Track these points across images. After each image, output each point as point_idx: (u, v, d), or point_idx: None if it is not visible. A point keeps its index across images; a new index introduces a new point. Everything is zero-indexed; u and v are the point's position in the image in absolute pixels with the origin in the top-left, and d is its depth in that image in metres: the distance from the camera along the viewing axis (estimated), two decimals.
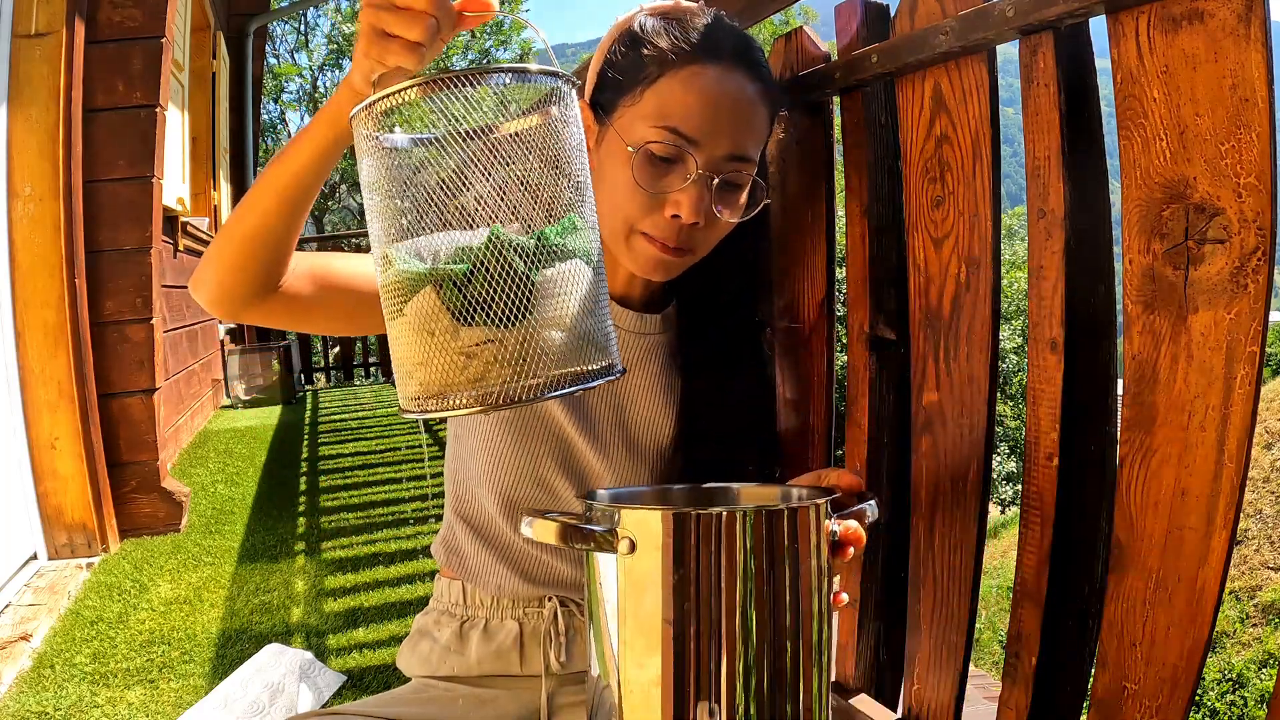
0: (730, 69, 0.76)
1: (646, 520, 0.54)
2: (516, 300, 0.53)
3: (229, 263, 0.71)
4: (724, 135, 0.76)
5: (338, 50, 12.49)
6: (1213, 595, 0.63)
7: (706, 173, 0.76)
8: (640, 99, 0.77)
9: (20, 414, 2.46)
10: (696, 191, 0.75)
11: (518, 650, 0.92)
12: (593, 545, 0.56)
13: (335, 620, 2.13)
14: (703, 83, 0.75)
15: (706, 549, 0.54)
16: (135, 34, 2.72)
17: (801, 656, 0.56)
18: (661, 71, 0.76)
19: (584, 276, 0.56)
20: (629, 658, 0.56)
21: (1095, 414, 0.77)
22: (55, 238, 2.47)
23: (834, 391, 1.05)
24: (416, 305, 0.54)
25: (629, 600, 0.56)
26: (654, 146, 0.75)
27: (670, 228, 0.77)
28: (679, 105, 0.75)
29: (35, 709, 1.71)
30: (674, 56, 0.76)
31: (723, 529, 0.54)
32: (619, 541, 0.55)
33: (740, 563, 0.54)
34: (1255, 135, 0.58)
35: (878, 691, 1.03)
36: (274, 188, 0.68)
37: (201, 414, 4.69)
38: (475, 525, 0.94)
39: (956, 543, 0.87)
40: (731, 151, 0.76)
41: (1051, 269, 0.74)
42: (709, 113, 0.75)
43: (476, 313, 0.53)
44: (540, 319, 0.53)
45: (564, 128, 0.55)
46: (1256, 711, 5.42)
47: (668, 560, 0.54)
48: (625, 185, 0.76)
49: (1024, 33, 0.73)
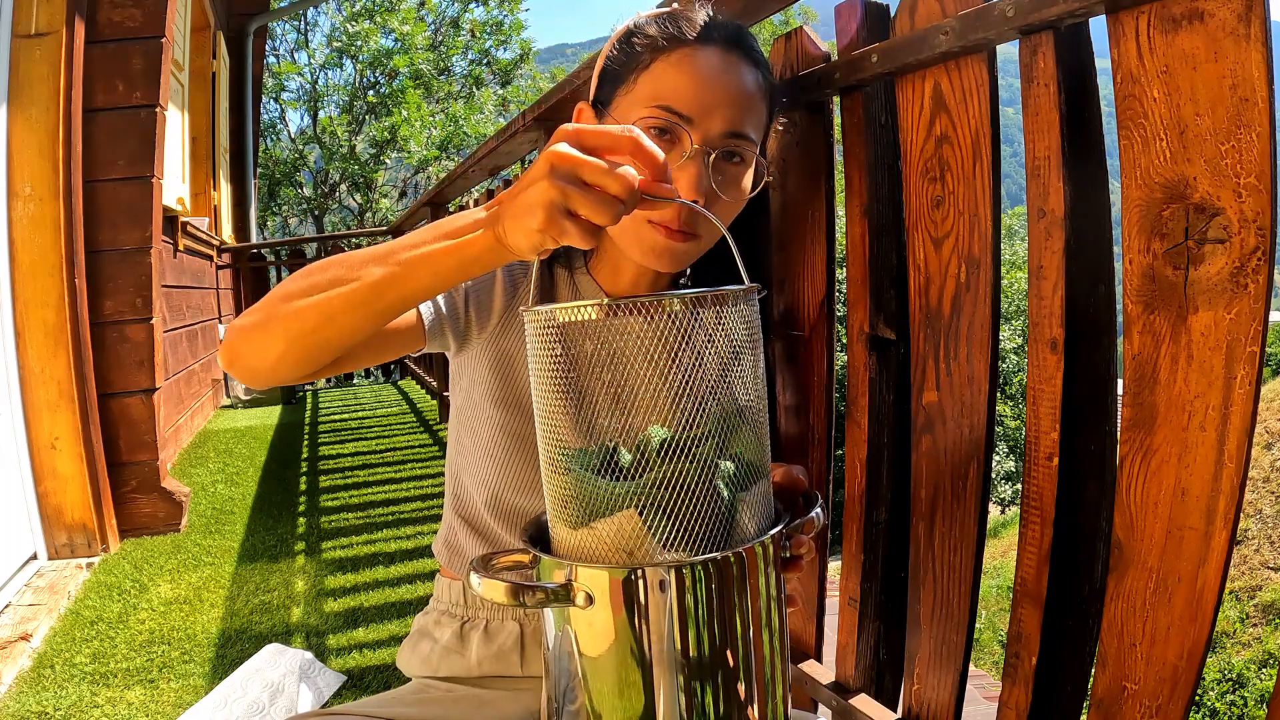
0: (723, 50, 0.76)
1: (600, 577, 0.53)
2: (721, 525, 0.53)
3: (285, 357, 0.65)
4: (719, 111, 0.75)
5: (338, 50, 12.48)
6: (1213, 595, 0.63)
7: (703, 148, 0.75)
8: (634, 86, 0.77)
9: (20, 414, 2.46)
10: (695, 169, 0.75)
11: (518, 652, 0.92)
12: (549, 601, 0.53)
13: (335, 620, 2.13)
14: (694, 63, 0.75)
15: (661, 600, 0.53)
16: (135, 34, 2.72)
17: (758, 683, 0.56)
18: (654, 57, 0.76)
19: (767, 493, 0.57)
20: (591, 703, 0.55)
21: (1095, 414, 0.77)
22: (55, 238, 2.47)
23: (834, 391, 1.05)
24: (617, 527, 0.53)
25: (587, 649, 0.55)
26: (648, 122, 0.75)
27: (672, 209, 0.77)
28: (671, 85, 0.75)
29: (35, 709, 1.71)
30: (665, 42, 0.76)
31: (681, 581, 0.53)
32: (576, 595, 0.53)
33: (693, 609, 0.53)
34: (1255, 135, 0.58)
35: (878, 691, 1.03)
36: (370, 307, 0.62)
37: (201, 414, 4.69)
38: (475, 525, 0.93)
39: (956, 543, 0.87)
40: (728, 128, 0.76)
41: (1051, 269, 0.74)
42: (702, 90, 0.75)
43: (681, 538, 0.53)
44: (734, 537, 0.54)
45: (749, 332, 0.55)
46: (1256, 711, 5.42)
47: (623, 613, 0.53)
48: None
49: (1024, 32, 0.73)
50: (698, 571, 0.53)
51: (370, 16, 11.97)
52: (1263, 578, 6.07)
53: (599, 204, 0.52)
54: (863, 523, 1.02)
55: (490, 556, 0.57)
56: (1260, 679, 5.52)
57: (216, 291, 5.62)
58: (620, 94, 0.79)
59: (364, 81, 12.64)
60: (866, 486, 1.01)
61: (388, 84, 12.23)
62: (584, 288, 0.88)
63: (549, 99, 1.87)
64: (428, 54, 12.15)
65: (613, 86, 0.80)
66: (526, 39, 13.13)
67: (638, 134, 0.54)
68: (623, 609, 0.53)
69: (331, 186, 13.13)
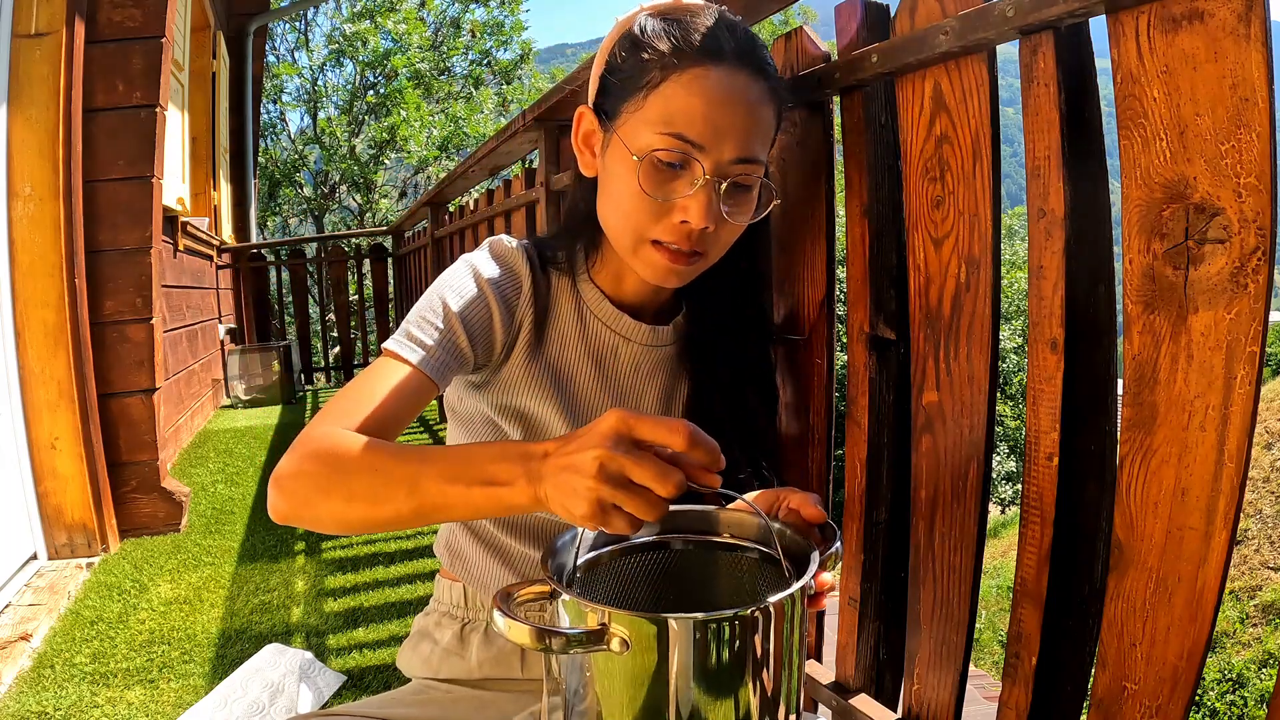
0: (734, 69, 0.74)
1: (640, 625, 0.52)
2: None
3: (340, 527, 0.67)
4: (730, 138, 0.74)
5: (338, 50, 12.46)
6: (1213, 595, 0.63)
7: (714, 178, 0.74)
8: (644, 104, 0.75)
9: (20, 414, 2.46)
10: (705, 196, 0.74)
11: (519, 654, 0.91)
12: (579, 646, 0.53)
13: (335, 620, 2.13)
14: (706, 85, 0.74)
15: (701, 649, 0.53)
16: (135, 34, 2.72)
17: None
18: (665, 75, 0.74)
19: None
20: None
21: (1095, 414, 0.77)
22: (55, 238, 2.47)
23: (834, 391, 1.05)
24: None
25: (606, 686, 0.54)
26: (660, 154, 0.74)
27: (680, 233, 0.76)
28: (683, 110, 0.73)
29: (35, 709, 1.71)
30: (676, 60, 0.74)
31: (720, 630, 0.53)
32: (610, 640, 0.52)
33: (724, 659, 0.53)
34: (1255, 135, 0.58)
35: (878, 691, 1.03)
36: (407, 524, 0.63)
37: (201, 414, 4.69)
38: (475, 529, 0.93)
39: (956, 542, 0.87)
40: (738, 154, 0.75)
41: (1051, 269, 0.74)
42: (714, 116, 0.73)
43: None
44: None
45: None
46: (1256, 711, 5.42)
47: (662, 660, 0.52)
48: (633, 193, 0.75)
49: (1024, 32, 0.73)
50: (734, 626, 0.53)
51: (370, 16, 11.96)
52: (1263, 578, 6.07)
53: (646, 505, 0.52)
54: (863, 523, 1.02)
55: (511, 591, 0.56)
56: (1260, 679, 5.52)
57: (216, 291, 5.62)
58: (628, 109, 0.76)
59: (364, 81, 12.63)
60: (866, 486, 1.01)
61: (387, 84, 12.22)
62: (588, 296, 0.87)
63: (549, 99, 1.87)
64: (428, 54, 12.14)
65: (619, 98, 0.77)
66: (527, 39, 13.12)
67: (691, 429, 0.53)
68: (655, 656, 0.52)
69: (331, 187, 13.13)
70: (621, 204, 0.78)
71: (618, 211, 0.78)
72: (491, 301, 0.80)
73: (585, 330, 0.86)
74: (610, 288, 0.87)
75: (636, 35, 0.78)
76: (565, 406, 0.85)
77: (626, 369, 0.88)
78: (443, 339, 0.76)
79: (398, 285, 6.38)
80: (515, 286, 0.82)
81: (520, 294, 0.83)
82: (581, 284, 0.87)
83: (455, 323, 0.77)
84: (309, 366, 6.57)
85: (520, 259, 0.83)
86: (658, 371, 0.89)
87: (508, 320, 0.81)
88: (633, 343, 0.87)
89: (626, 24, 0.80)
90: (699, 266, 0.80)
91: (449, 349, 0.77)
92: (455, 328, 0.77)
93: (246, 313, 6.33)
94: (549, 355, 0.85)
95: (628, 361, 0.87)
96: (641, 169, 0.74)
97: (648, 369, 0.88)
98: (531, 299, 0.83)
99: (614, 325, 0.86)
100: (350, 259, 6.74)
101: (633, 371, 0.88)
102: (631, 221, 0.77)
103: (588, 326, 0.86)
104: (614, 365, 0.87)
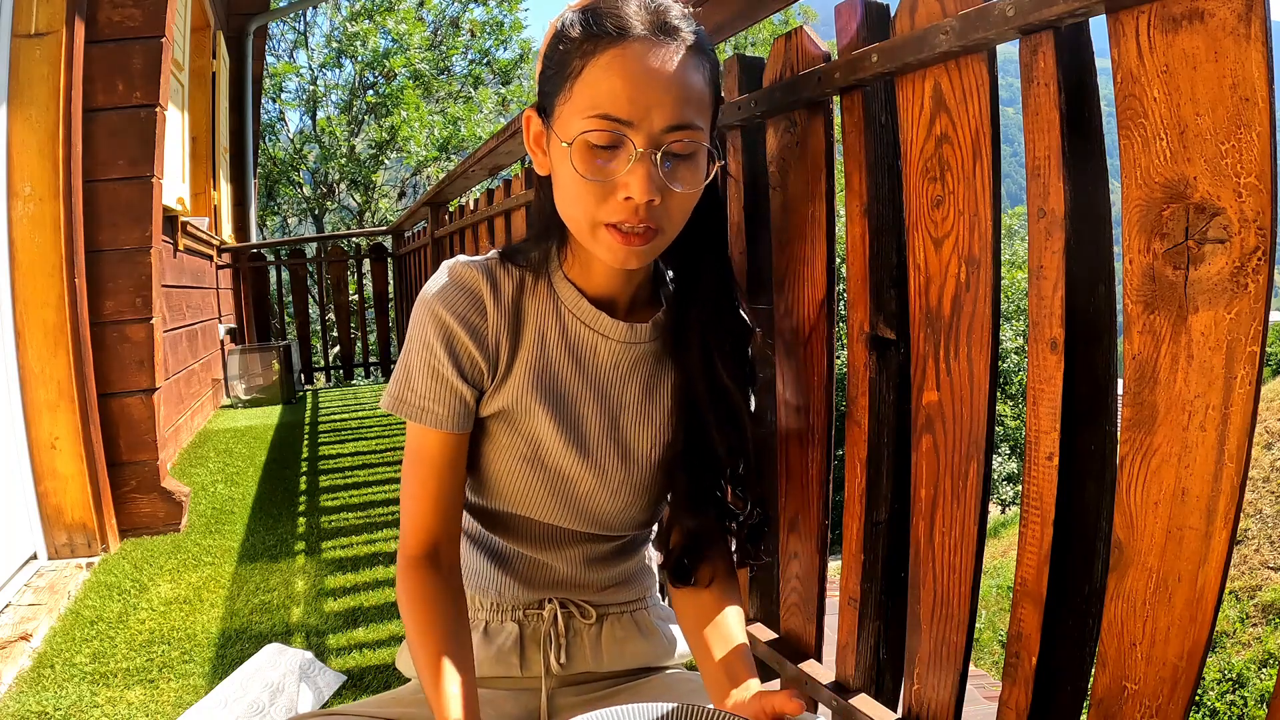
0: (649, 42, 0.75)
1: None
2: None
3: None
4: (657, 109, 0.74)
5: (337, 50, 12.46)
6: (1213, 595, 0.63)
7: (649, 149, 0.75)
8: (571, 94, 0.76)
9: (20, 414, 2.46)
10: (643, 169, 0.74)
11: (518, 653, 0.92)
12: None
13: (335, 620, 2.13)
14: (622, 63, 0.74)
15: None
16: (135, 34, 2.72)
17: None
18: (584, 63, 0.75)
19: None
20: None
21: (1095, 414, 0.77)
22: (55, 238, 2.47)
23: (834, 391, 1.05)
24: None
25: None
26: (589, 136, 0.75)
27: (627, 210, 0.76)
28: (606, 91, 0.74)
29: (35, 709, 1.71)
30: (591, 46, 0.75)
31: None
32: None
33: None
34: (1255, 135, 0.58)
35: (878, 691, 1.03)
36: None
37: (201, 414, 4.69)
38: (471, 532, 0.94)
39: (956, 542, 0.87)
40: (669, 123, 0.75)
41: (1051, 269, 0.74)
42: (635, 91, 0.74)
43: None
44: None
45: None
46: (1256, 711, 5.42)
47: None
48: (575, 181, 0.76)
49: (1024, 32, 0.73)
50: None
51: (369, 16, 11.96)
52: (1263, 578, 6.07)
53: None
54: (863, 523, 1.02)
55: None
56: (1260, 679, 5.52)
57: (216, 291, 5.62)
58: (560, 103, 0.78)
59: (363, 81, 12.63)
60: (866, 486, 1.01)
61: (386, 84, 12.22)
62: (564, 295, 0.86)
63: None
64: (427, 54, 12.14)
65: (552, 95, 0.79)
66: (526, 39, 13.11)
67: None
68: None
69: (331, 186, 13.12)
70: (568, 193, 0.79)
71: (566, 201, 0.79)
72: (462, 337, 0.83)
73: (564, 330, 0.87)
74: (581, 280, 0.87)
75: (560, 31, 0.79)
76: (551, 404, 0.85)
77: (607, 366, 0.88)
78: (442, 393, 0.83)
79: (398, 285, 6.39)
80: (479, 309, 0.84)
81: (485, 316, 0.84)
82: (557, 282, 0.87)
83: (447, 372, 0.83)
84: (309, 366, 6.57)
85: (479, 278, 0.84)
86: (638, 368, 0.89)
87: (481, 346, 0.84)
88: (611, 340, 0.87)
89: (555, 23, 0.81)
90: (658, 244, 0.80)
91: (455, 400, 0.83)
92: (448, 377, 0.83)
93: (246, 312, 6.33)
94: (531, 358, 0.86)
95: (607, 359, 0.88)
96: (574, 153, 0.75)
97: (628, 366, 0.89)
98: (497, 314, 0.84)
99: (592, 324, 0.87)
100: (350, 259, 6.74)
101: (613, 369, 0.88)
102: (580, 207, 0.78)
103: (566, 326, 0.87)
104: (594, 363, 0.88)
